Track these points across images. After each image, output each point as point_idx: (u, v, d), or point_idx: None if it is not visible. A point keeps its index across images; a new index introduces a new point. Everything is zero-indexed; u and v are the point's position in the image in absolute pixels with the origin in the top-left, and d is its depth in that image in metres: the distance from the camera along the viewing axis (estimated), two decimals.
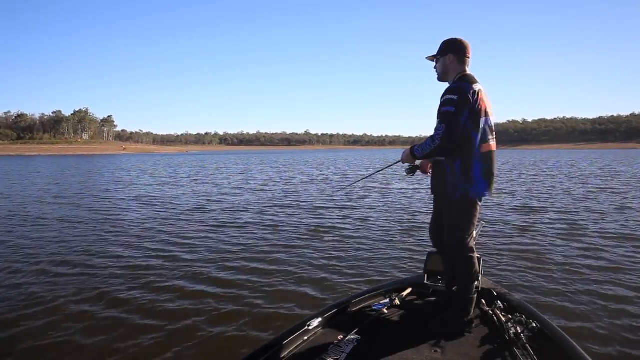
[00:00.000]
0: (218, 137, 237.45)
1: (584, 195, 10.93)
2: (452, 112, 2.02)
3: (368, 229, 6.67)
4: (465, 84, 2.07)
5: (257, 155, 77.13)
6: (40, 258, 5.07)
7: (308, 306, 3.47)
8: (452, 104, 2.02)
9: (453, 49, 2.19)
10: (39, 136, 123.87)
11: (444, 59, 2.21)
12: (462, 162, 2.07)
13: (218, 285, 4.04)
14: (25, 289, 3.97)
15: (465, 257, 2.14)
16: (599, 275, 4.22)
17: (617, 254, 4.96)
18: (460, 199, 2.10)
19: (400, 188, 12.95)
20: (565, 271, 4.35)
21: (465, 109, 2.02)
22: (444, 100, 2.07)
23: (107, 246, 5.69)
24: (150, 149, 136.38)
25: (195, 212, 8.65)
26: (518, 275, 4.23)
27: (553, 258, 4.85)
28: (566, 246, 5.42)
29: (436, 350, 1.90)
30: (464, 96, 2.02)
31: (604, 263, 4.64)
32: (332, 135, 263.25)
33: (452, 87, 2.09)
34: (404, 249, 5.32)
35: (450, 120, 2.01)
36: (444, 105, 2.05)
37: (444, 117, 2.04)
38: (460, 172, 2.07)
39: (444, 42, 2.22)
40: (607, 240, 5.67)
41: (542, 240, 5.76)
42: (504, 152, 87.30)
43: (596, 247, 5.28)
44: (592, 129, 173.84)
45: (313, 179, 17.80)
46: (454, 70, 2.19)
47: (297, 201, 10.26)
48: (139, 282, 4.17)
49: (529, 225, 6.84)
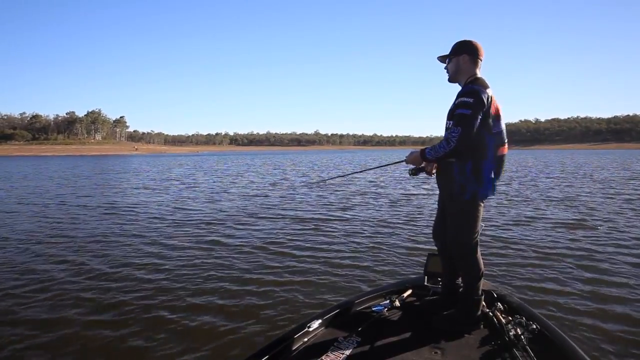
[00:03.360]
0: (228, 137, 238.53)
1: (601, 198, 10.76)
2: (468, 115, 2.01)
3: (368, 230, 6.65)
4: (480, 88, 2.06)
5: (266, 155, 77.35)
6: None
7: (308, 308, 3.48)
8: (469, 107, 2.01)
9: (467, 49, 2.19)
10: (53, 137, 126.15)
11: (457, 59, 2.21)
12: (473, 164, 2.07)
13: (216, 286, 4.06)
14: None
15: (471, 257, 2.15)
16: (601, 278, 4.16)
17: (623, 258, 4.86)
18: (469, 200, 2.11)
19: (400, 189, 12.90)
20: (566, 273, 4.30)
21: (480, 113, 2.02)
22: (459, 102, 2.06)
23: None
24: (161, 149, 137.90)
25: (191, 213, 8.73)
26: (518, 277, 4.20)
27: (554, 260, 4.80)
28: (568, 247, 5.35)
29: (436, 351, 1.90)
30: (479, 99, 2.02)
31: (608, 266, 4.56)
32: (341, 135, 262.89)
33: (468, 90, 2.07)
34: (403, 251, 5.29)
35: (467, 123, 2.01)
36: (460, 107, 2.04)
37: (459, 119, 2.02)
38: (471, 174, 2.07)
39: (458, 43, 2.23)
40: (614, 244, 5.56)
41: (543, 240, 5.70)
42: (518, 152, 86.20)
43: (602, 251, 5.18)
44: (607, 128, 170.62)
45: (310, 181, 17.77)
46: (466, 72, 2.19)
47: (298, 201, 10.26)
48: (143, 284, 4.23)
49: (529, 225, 6.78)
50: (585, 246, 5.40)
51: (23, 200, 11.03)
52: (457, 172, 2.11)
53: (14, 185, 15.84)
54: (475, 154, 2.07)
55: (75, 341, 2.98)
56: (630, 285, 3.94)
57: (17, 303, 3.66)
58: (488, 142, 2.07)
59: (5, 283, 4.17)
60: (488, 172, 2.09)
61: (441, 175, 2.25)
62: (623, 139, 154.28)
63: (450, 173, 2.14)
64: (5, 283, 4.17)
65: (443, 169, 2.22)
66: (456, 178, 2.11)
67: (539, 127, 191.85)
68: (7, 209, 9.31)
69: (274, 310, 3.45)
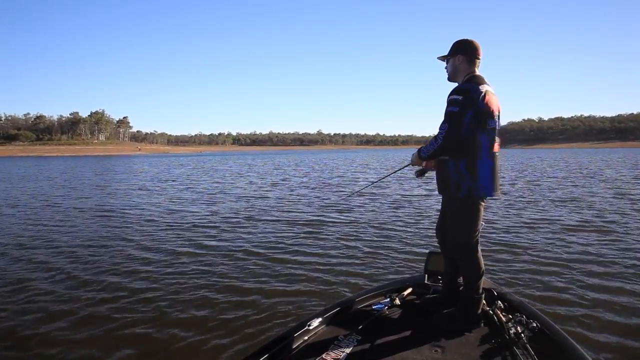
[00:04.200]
0: (231, 137, 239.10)
1: (602, 197, 10.71)
2: (455, 112, 2.04)
3: (368, 229, 6.65)
4: (472, 85, 2.08)
5: (269, 155, 77.37)
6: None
7: (308, 306, 3.48)
8: (457, 104, 2.04)
9: (463, 49, 2.21)
10: (57, 137, 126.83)
11: (453, 60, 2.23)
12: (467, 161, 2.08)
13: (216, 285, 4.07)
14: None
15: (470, 255, 2.15)
16: (602, 277, 4.15)
17: (625, 258, 4.83)
18: (464, 198, 2.11)
19: (399, 188, 12.89)
20: (567, 272, 4.29)
21: (469, 110, 2.03)
22: (449, 100, 2.09)
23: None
24: (164, 149, 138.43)
25: (185, 215, 8.74)
26: (518, 275, 4.20)
27: (555, 258, 4.79)
28: (569, 247, 5.34)
29: (436, 350, 1.90)
30: (468, 97, 2.04)
31: (609, 265, 4.54)
32: (344, 135, 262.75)
33: (459, 88, 2.11)
34: (404, 249, 5.30)
35: (453, 120, 2.04)
36: (449, 105, 2.08)
37: (447, 117, 2.06)
38: (465, 171, 2.08)
39: (455, 43, 2.25)
40: (617, 243, 5.54)
41: (544, 241, 5.68)
42: (520, 151, 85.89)
43: (603, 251, 5.15)
44: (610, 127, 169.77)
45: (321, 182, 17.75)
46: (463, 71, 2.21)
47: (297, 202, 10.28)
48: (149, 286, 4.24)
49: (529, 225, 6.75)
50: (586, 246, 5.37)
51: (15, 202, 10.94)
52: (452, 170, 2.12)
53: (11, 186, 15.92)
54: (468, 151, 2.08)
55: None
56: (631, 285, 3.92)
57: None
58: (481, 138, 2.07)
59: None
60: (483, 169, 2.09)
61: (439, 173, 2.26)
62: (627, 138, 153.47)
63: (447, 172, 2.16)
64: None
65: (441, 169, 2.23)
66: (452, 176, 2.13)
67: (542, 126, 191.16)
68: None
69: (274, 309, 3.45)
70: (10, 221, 7.87)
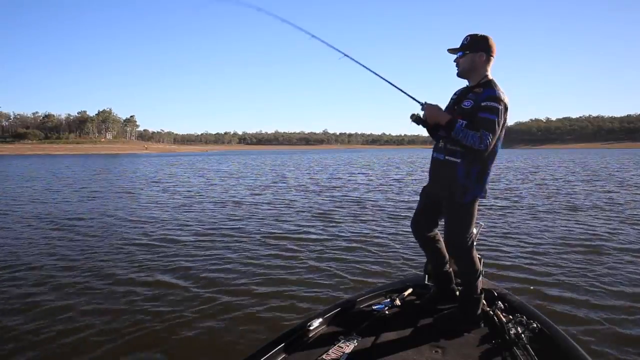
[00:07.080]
0: (237, 136, 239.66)
1: (596, 196, 10.61)
2: (497, 122, 1.97)
3: (368, 229, 6.65)
4: (502, 94, 2.02)
5: (275, 155, 77.55)
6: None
7: (309, 306, 3.49)
8: (498, 114, 1.97)
9: (485, 47, 2.09)
10: (65, 136, 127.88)
11: (473, 56, 2.08)
12: (481, 168, 2.07)
13: (217, 285, 4.08)
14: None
15: (468, 256, 2.16)
16: (602, 278, 4.13)
17: (623, 259, 4.81)
18: (470, 202, 2.10)
19: (399, 187, 12.84)
20: (567, 272, 4.28)
21: (503, 119, 2.01)
22: (487, 106, 1.98)
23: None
24: (171, 148, 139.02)
25: (186, 213, 8.78)
26: (518, 276, 4.19)
27: (555, 259, 4.78)
28: (569, 246, 5.33)
29: (437, 350, 1.90)
30: (505, 107, 2.01)
31: (609, 266, 4.52)
32: (350, 134, 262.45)
33: (495, 95, 2.00)
34: (404, 250, 5.29)
35: (495, 129, 1.98)
36: (489, 111, 1.97)
37: (489, 125, 1.95)
38: (476, 177, 2.07)
39: (476, 37, 2.10)
40: (617, 244, 5.50)
41: (544, 241, 5.66)
42: (528, 151, 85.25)
43: (603, 251, 5.13)
44: (620, 127, 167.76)
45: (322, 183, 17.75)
46: (480, 71, 2.10)
47: (298, 202, 10.28)
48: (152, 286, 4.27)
49: (530, 225, 6.73)
50: (587, 247, 5.34)
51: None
52: (461, 175, 2.06)
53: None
54: (484, 159, 2.06)
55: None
56: (631, 287, 3.89)
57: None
58: (496, 148, 2.08)
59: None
60: (488, 176, 2.12)
61: (440, 174, 2.19)
62: (636, 138, 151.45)
63: (453, 174, 2.08)
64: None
65: (444, 168, 2.14)
66: (460, 181, 2.06)
67: (550, 127, 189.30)
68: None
69: (273, 310, 3.46)
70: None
